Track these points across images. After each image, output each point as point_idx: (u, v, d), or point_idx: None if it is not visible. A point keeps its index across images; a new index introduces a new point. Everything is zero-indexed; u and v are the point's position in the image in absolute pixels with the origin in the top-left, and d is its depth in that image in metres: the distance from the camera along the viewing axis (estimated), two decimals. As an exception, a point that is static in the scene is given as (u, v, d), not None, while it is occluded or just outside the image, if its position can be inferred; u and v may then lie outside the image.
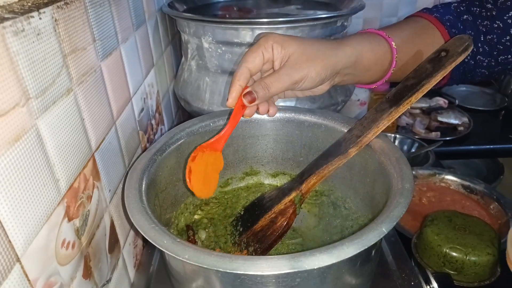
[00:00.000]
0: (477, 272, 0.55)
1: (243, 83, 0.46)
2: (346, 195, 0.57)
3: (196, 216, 0.57)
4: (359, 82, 0.54)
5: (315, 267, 0.32)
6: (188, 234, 0.53)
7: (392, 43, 0.52)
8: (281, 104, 0.68)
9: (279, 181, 0.63)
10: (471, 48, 0.44)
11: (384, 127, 0.45)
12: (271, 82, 0.45)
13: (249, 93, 0.45)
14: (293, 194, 0.48)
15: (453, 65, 0.43)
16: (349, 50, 0.49)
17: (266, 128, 0.59)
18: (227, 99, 0.46)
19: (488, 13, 0.55)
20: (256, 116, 0.58)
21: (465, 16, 0.56)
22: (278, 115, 0.58)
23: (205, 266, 0.33)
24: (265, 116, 0.58)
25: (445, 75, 0.44)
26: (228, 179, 0.62)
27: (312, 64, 0.45)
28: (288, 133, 0.59)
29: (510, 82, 1.35)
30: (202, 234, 0.54)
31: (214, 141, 0.48)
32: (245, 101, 0.45)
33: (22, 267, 0.28)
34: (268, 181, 0.63)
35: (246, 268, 0.32)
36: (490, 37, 0.55)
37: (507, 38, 0.54)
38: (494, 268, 0.57)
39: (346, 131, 0.52)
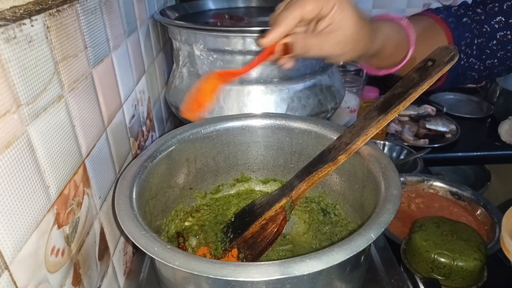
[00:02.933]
0: (464, 277, 0.56)
1: (289, 28, 0.42)
2: (336, 201, 0.58)
3: (186, 223, 0.57)
4: (371, 65, 0.55)
5: (305, 273, 0.32)
6: (179, 241, 0.53)
7: (412, 37, 0.52)
8: (272, 111, 0.68)
9: (270, 188, 0.63)
10: (457, 58, 0.45)
11: (373, 134, 0.46)
12: (313, 46, 0.42)
13: (289, 45, 0.42)
14: (284, 201, 0.49)
15: (439, 74, 0.44)
16: (379, 40, 0.49)
17: (257, 135, 0.59)
18: (264, 37, 0.42)
19: (478, 18, 0.57)
20: (247, 123, 0.59)
21: (464, 19, 0.58)
22: (268, 122, 0.58)
23: (195, 273, 0.33)
24: (256, 123, 0.59)
25: (431, 84, 0.45)
26: (219, 185, 0.62)
27: (352, 49, 0.45)
28: (279, 139, 0.59)
29: (496, 91, 1.38)
30: (193, 241, 0.54)
31: (229, 72, 0.46)
32: (279, 50, 0.43)
33: (10, 274, 0.28)
34: (259, 187, 0.63)
35: (237, 274, 0.32)
36: (479, 40, 0.56)
37: (494, 43, 0.56)
38: (481, 273, 0.58)
39: (335, 138, 0.53)
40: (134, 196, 0.43)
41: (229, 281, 0.35)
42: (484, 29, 0.56)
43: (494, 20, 0.56)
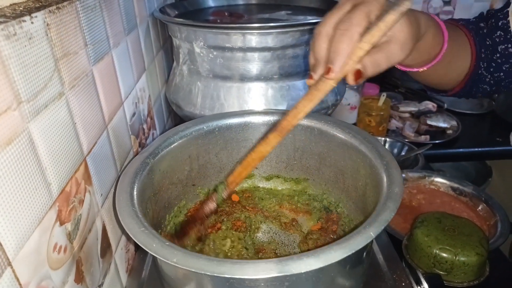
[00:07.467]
0: (466, 272, 0.56)
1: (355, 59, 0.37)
2: (339, 199, 0.57)
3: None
4: (404, 62, 0.50)
5: (302, 271, 0.32)
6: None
7: (446, 33, 0.51)
8: (272, 108, 0.68)
9: (273, 184, 0.63)
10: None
11: (305, 108, 0.39)
12: (382, 60, 0.39)
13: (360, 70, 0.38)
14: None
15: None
16: (423, 27, 0.45)
17: (260, 131, 0.59)
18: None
19: (481, 31, 0.58)
20: (250, 119, 0.59)
21: (480, 31, 0.59)
22: (271, 118, 0.58)
23: (193, 270, 0.33)
24: (259, 120, 0.58)
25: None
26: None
27: (414, 44, 0.42)
28: (281, 136, 0.59)
29: (496, 86, 1.37)
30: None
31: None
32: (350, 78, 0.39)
33: (13, 271, 0.28)
34: (262, 184, 0.63)
35: (233, 272, 0.32)
36: (486, 53, 0.57)
37: (498, 56, 0.56)
38: (482, 268, 0.58)
39: (338, 134, 0.53)
40: (135, 192, 0.43)
41: (227, 278, 0.35)
42: (488, 43, 0.57)
43: (495, 35, 0.56)
